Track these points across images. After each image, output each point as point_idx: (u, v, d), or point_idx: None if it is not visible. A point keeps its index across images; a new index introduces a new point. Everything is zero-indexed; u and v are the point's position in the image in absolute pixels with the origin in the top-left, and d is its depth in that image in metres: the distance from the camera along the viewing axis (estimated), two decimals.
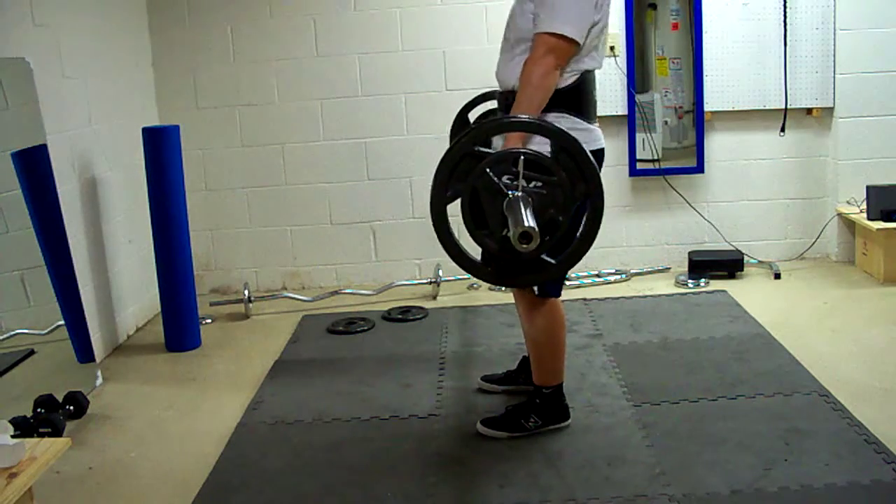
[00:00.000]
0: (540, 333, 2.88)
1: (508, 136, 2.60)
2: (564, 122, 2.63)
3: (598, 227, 2.32)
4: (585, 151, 2.32)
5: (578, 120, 2.70)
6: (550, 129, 2.36)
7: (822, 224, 4.84)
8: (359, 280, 4.96)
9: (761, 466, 2.63)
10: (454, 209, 2.37)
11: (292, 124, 4.82)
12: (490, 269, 2.40)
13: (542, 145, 2.47)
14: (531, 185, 2.25)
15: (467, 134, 2.31)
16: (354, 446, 2.96)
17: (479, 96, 3.43)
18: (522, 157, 2.25)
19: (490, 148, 2.45)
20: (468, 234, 2.38)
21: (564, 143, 2.31)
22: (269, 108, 4.81)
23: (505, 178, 2.26)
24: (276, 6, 4.71)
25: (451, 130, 3.52)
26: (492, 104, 3.22)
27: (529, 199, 2.24)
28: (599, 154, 2.75)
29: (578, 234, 2.35)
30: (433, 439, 2.97)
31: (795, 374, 3.32)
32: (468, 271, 2.47)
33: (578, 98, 2.71)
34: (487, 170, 2.26)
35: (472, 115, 3.49)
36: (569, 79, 2.69)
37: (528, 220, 2.15)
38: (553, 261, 2.34)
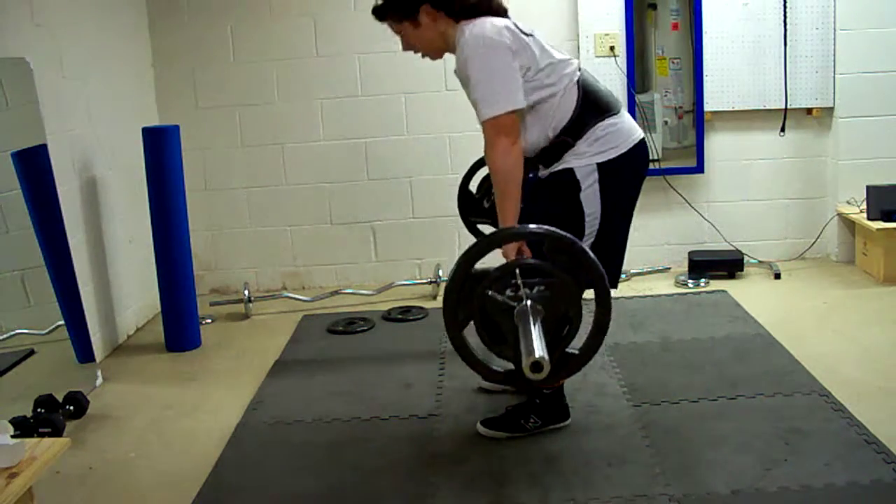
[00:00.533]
0: None
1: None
2: (598, 130, 2.67)
3: (609, 311, 2.31)
4: (576, 242, 2.32)
5: (609, 121, 2.70)
6: (537, 233, 2.37)
7: (822, 224, 4.84)
8: (359, 280, 4.96)
9: (761, 466, 2.63)
10: None
11: (292, 124, 4.82)
12: (521, 374, 2.38)
13: (577, 160, 2.61)
14: (535, 290, 2.26)
15: (462, 259, 2.32)
16: (354, 446, 2.96)
17: (475, 164, 3.42)
18: (518, 270, 2.26)
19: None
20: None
21: (554, 243, 2.32)
22: (269, 108, 4.81)
23: (508, 292, 2.27)
24: (276, 6, 4.71)
25: (458, 204, 3.51)
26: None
27: (538, 308, 2.24)
28: (638, 148, 2.75)
29: (593, 321, 2.34)
30: (433, 439, 2.97)
31: (795, 374, 3.32)
32: (502, 383, 2.46)
33: (589, 106, 2.70)
34: (489, 292, 2.28)
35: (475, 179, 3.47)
36: (568, 101, 2.69)
37: (537, 350, 2.13)
38: (577, 351, 2.35)
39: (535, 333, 2.16)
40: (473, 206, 3.40)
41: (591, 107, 2.71)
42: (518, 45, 2.65)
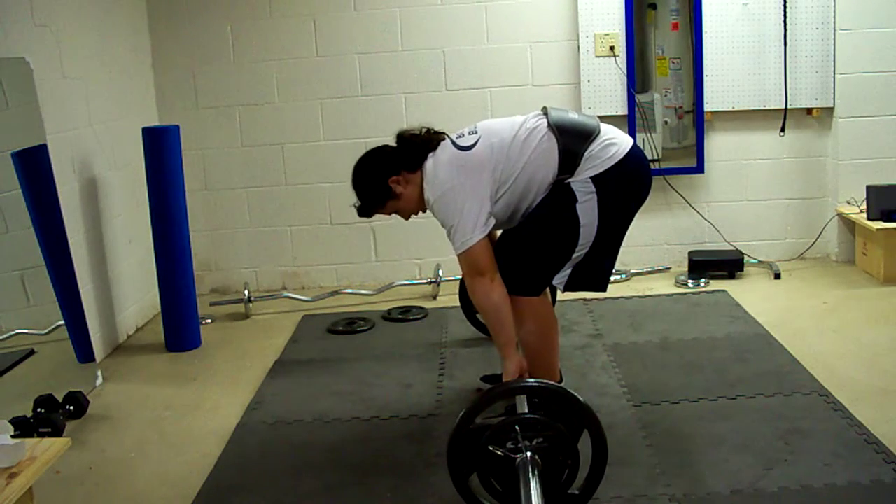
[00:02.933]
0: (530, 336, 2.90)
1: (506, 370, 2.76)
2: (589, 157, 2.74)
3: (605, 452, 2.39)
4: (569, 392, 2.40)
5: (594, 143, 2.75)
6: (532, 387, 2.50)
7: (822, 224, 4.84)
8: (359, 280, 4.96)
9: (761, 466, 2.63)
10: None
11: (292, 124, 4.82)
12: None
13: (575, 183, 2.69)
14: (534, 442, 2.35)
15: (465, 414, 2.39)
16: (354, 446, 2.96)
17: None
18: (518, 427, 2.35)
19: None
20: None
21: (548, 396, 2.44)
22: (269, 108, 4.81)
23: (509, 444, 2.36)
24: (276, 6, 4.71)
25: (460, 298, 3.79)
26: None
27: (536, 459, 2.32)
28: (631, 156, 2.79)
29: (591, 462, 2.41)
30: (433, 439, 2.97)
31: (795, 374, 3.32)
32: None
33: (571, 142, 2.75)
34: (489, 447, 2.36)
35: None
36: (549, 153, 2.74)
37: None
38: (577, 492, 2.42)
39: (534, 492, 2.23)
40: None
41: (573, 139, 2.77)
42: (468, 172, 2.74)
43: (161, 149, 3.97)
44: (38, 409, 3.19)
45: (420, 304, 4.51)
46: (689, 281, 4.59)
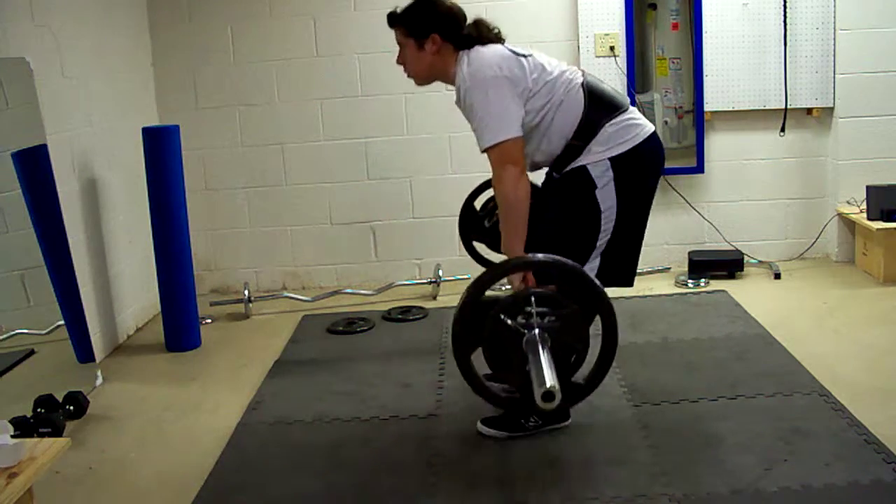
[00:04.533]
0: None
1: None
2: (609, 129, 2.71)
3: (615, 342, 2.35)
4: (586, 274, 2.35)
5: (616, 118, 2.74)
6: (546, 262, 2.41)
7: (822, 224, 4.84)
8: (359, 280, 4.96)
9: (761, 466, 2.63)
10: None
11: (292, 124, 4.82)
12: (527, 402, 2.39)
13: (591, 157, 2.65)
14: (545, 320, 2.28)
15: (472, 286, 2.33)
16: (354, 446, 2.96)
17: (482, 184, 3.43)
18: (534, 297, 2.28)
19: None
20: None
21: (560, 270, 2.36)
22: (269, 108, 4.81)
23: (520, 319, 2.29)
24: (276, 6, 4.71)
25: (460, 220, 3.53)
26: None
27: (546, 336, 2.26)
28: (650, 141, 2.78)
29: (599, 351, 2.36)
30: (433, 439, 2.97)
31: (795, 374, 3.32)
32: (508, 409, 2.48)
33: (596, 106, 2.73)
34: (501, 316, 2.29)
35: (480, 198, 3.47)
36: (574, 106, 2.72)
37: (548, 379, 2.15)
38: (582, 382, 2.37)
39: (546, 363, 2.18)
40: (475, 223, 3.41)
41: (598, 107, 2.74)
42: (515, 72, 2.70)
43: (161, 149, 3.96)
44: (38, 409, 3.19)
45: (420, 304, 4.51)
46: (689, 281, 4.59)
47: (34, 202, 3.38)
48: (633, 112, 2.82)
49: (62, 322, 3.47)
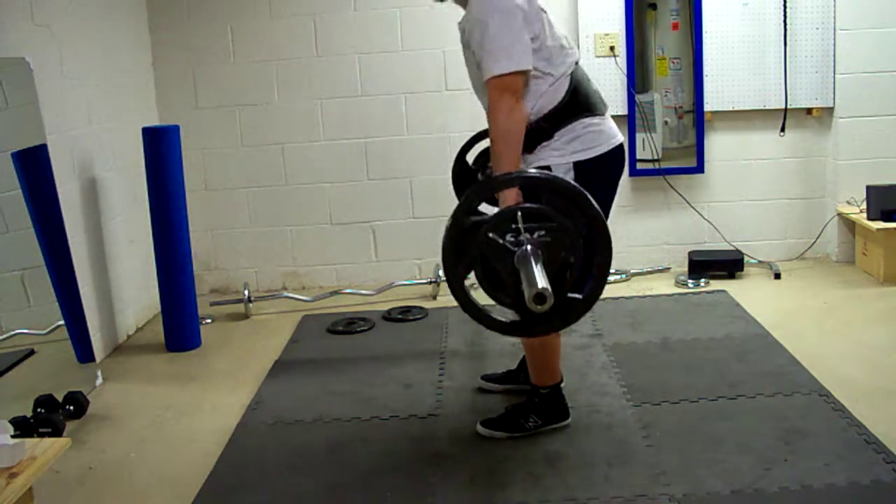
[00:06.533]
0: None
1: (504, 197, 2.59)
2: (579, 127, 2.68)
3: (610, 254, 2.30)
4: (574, 186, 2.30)
5: (590, 120, 2.72)
6: (536, 177, 2.36)
7: (822, 224, 4.84)
8: (359, 280, 4.96)
9: (761, 466, 2.63)
10: None
11: (292, 124, 4.82)
12: (523, 323, 2.38)
13: (556, 157, 2.60)
14: (535, 235, 2.25)
15: (458, 208, 2.30)
16: (354, 446, 2.96)
17: (474, 136, 3.38)
18: (520, 213, 2.25)
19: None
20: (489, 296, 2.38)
21: (551, 186, 2.33)
22: (269, 108, 4.81)
23: (509, 237, 2.26)
24: (276, 6, 4.71)
25: (452, 173, 3.46)
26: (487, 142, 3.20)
27: (538, 252, 2.23)
28: (616, 152, 2.76)
29: (594, 263, 2.33)
30: (433, 439, 2.97)
31: (795, 374, 3.32)
32: (503, 333, 2.46)
33: (576, 100, 2.72)
34: (490, 234, 2.27)
35: (472, 154, 3.42)
36: (558, 89, 2.70)
37: (540, 281, 2.13)
38: (579, 296, 2.33)
39: (538, 270, 2.15)
40: (468, 177, 3.36)
41: (578, 102, 2.72)
42: (532, 11, 2.65)
43: (161, 149, 3.96)
44: (38, 409, 3.19)
45: (420, 304, 4.51)
46: (689, 281, 4.59)
47: (34, 202, 3.38)
48: (607, 119, 2.80)
49: (62, 322, 3.47)
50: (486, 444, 2.90)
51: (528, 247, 2.23)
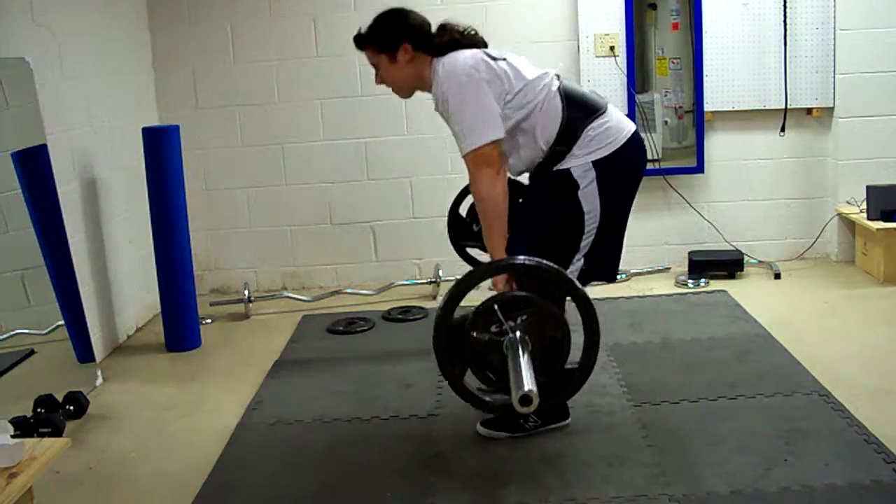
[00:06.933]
0: None
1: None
2: (591, 132, 2.71)
3: (594, 314, 2.34)
4: (543, 263, 2.35)
5: (598, 122, 2.73)
6: (507, 266, 2.43)
7: (822, 224, 4.84)
8: (359, 280, 4.96)
9: (761, 466, 2.63)
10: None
11: (292, 124, 4.82)
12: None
13: (574, 160, 2.67)
14: (518, 321, 2.28)
15: (441, 309, 2.32)
16: (354, 446, 2.96)
17: (464, 189, 3.35)
18: (496, 306, 2.27)
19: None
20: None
21: (522, 270, 2.37)
22: (269, 108, 4.81)
23: (493, 328, 2.29)
24: (276, 6, 4.71)
25: (448, 228, 3.50)
26: None
27: (525, 338, 2.25)
28: (632, 142, 2.77)
29: (583, 336, 2.36)
30: (433, 439, 2.97)
31: (795, 374, 3.32)
32: (516, 417, 2.49)
33: (576, 109, 2.74)
34: (473, 334, 2.29)
35: (465, 205, 3.42)
36: (551, 110, 2.72)
37: (526, 382, 2.15)
38: (576, 365, 2.36)
39: (524, 365, 2.17)
40: (463, 230, 3.40)
41: (578, 111, 2.74)
42: (491, 74, 2.70)
43: (161, 149, 3.96)
44: (38, 409, 3.19)
45: (420, 304, 4.51)
46: (689, 281, 4.59)
47: (34, 202, 3.38)
48: (612, 113, 2.80)
49: (62, 322, 3.47)
50: (485, 444, 2.90)
51: (516, 333, 2.25)
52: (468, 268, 3.47)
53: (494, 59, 2.76)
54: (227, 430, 3.14)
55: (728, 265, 4.68)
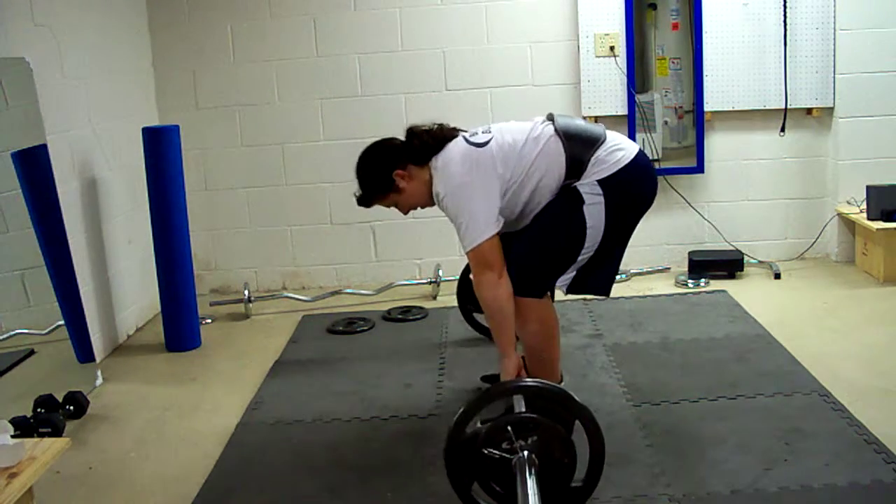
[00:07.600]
0: (532, 336, 2.90)
1: (505, 369, 2.80)
2: (598, 162, 2.76)
3: (601, 436, 2.39)
4: (551, 386, 2.44)
5: (601, 150, 2.77)
6: (517, 388, 2.50)
7: (822, 224, 4.84)
8: (359, 280, 4.96)
9: (761, 466, 2.63)
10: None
11: (292, 124, 4.82)
12: None
13: (581, 181, 2.72)
14: (529, 441, 2.34)
15: (456, 423, 2.38)
16: (354, 446, 2.96)
17: None
18: (510, 427, 2.34)
19: None
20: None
21: (534, 391, 2.45)
22: (269, 108, 4.81)
23: (504, 445, 2.35)
24: (276, 6, 4.71)
25: (458, 292, 3.74)
26: None
27: (532, 457, 2.32)
28: (639, 160, 2.82)
29: (588, 450, 2.40)
30: (433, 439, 2.97)
31: (795, 374, 3.32)
32: None
33: (578, 145, 2.77)
34: (485, 451, 2.35)
35: None
36: (552, 154, 2.76)
37: None
38: (581, 483, 2.41)
39: (531, 488, 2.23)
40: (472, 295, 3.42)
41: (579, 146, 2.79)
42: (483, 174, 2.74)
43: (161, 149, 3.96)
44: (38, 409, 3.19)
45: (420, 304, 4.51)
46: (689, 281, 4.59)
47: (34, 202, 3.38)
48: (614, 138, 2.85)
49: (62, 322, 3.47)
50: None
51: (524, 453, 2.33)
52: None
53: (480, 145, 2.79)
54: (227, 430, 3.14)
55: (728, 265, 4.68)
